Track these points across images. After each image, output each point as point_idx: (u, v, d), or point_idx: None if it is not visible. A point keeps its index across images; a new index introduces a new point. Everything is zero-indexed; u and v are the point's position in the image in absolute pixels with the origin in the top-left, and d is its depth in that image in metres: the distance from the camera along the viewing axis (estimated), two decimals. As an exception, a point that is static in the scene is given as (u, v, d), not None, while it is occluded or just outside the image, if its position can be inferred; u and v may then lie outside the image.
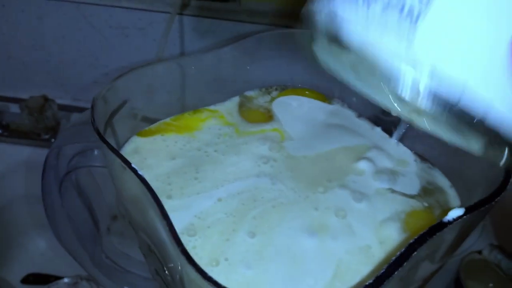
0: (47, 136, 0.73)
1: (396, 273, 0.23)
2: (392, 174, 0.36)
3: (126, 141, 0.37)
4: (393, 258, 0.23)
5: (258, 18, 0.59)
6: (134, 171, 0.27)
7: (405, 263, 0.23)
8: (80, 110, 0.74)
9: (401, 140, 0.39)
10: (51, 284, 0.67)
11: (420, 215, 0.33)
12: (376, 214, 0.33)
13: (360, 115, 0.42)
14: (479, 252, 0.56)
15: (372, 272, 0.29)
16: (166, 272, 0.31)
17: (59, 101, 0.75)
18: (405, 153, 0.39)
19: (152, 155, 0.36)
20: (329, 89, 0.43)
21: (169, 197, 0.33)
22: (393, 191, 0.35)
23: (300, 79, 0.44)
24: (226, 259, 0.29)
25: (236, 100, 0.43)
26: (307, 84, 0.44)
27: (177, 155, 0.36)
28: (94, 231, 0.42)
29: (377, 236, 0.32)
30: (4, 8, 0.66)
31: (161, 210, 0.25)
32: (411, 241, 0.24)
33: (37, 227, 0.76)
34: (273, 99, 0.43)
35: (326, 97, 0.43)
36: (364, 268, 0.29)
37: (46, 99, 0.73)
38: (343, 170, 0.36)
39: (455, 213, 0.25)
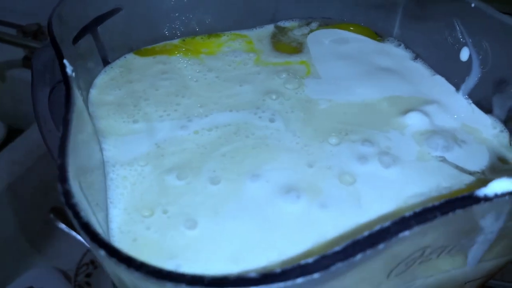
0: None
1: (359, 256, 0.13)
2: (451, 139, 0.25)
3: (118, 57, 0.31)
4: (365, 233, 0.14)
5: None
6: (61, 65, 0.21)
7: (381, 245, 0.14)
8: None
9: (472, 96, 0.28)
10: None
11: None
12: (405, 186, 0.23)
13: (417, 57, 0.31)
14: None
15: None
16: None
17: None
18: (475, 115, 0.27)
19: (140, 71, 0.30)
20: (385, 25, 0.32)
21: (131, 116, 0.26)
22: (443, 159, 0.24)
23: (350, 13, 0.34)
24: (165, 212, 0.21)
25: (270, 28, 0.34)
26: (357, 19, 0.34)
27: (169, 74, 0.30)
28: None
29: (395, 215, 0.21)
30: None
31: (66, 116, 0.19)
32: (407, 214, 0.14)
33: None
34: (311, 31, 0.34)
35: (379, 35, 0.33)
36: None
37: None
38: (381, 122, 0.26)
39: (502, 185, 0.15)
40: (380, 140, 0.25)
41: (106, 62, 0.30)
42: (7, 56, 0.69)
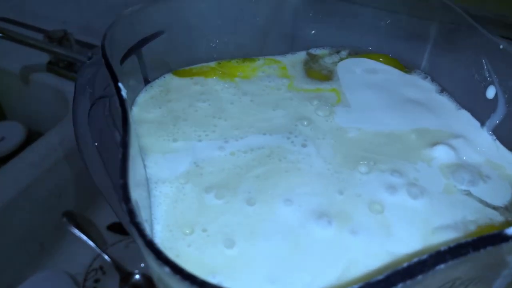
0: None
1: (400, 286, 0.15)
2: (476, 173, 0.27)
3: (158, 77, 0.33)
4: (404, 264, 0.15)
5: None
6: (118, 90, 0.22)
7: (419, 276, 0.15)
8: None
9: (497, 133, 0.29)
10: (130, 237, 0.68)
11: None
12: (432, 218, 0.24)
13: (443, 90, 0.32)
14: None
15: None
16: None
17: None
18: (499, 152, 0.28)
19: (178, 91, 0.31)
20: (413, 57, 0.34)
21: (171, 135, 0.28)
22: (468, 193, 0.25)
23: (379, 44, 0.35)
24: (205, 230, 0.23)
25: (302, 55, 0.36)
26: (386, 50, 0.35)
27: (206, 96, 0.31)
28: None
29: (424, 246, 0.23)
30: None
31: (124, 136, 0.20)
32: (442, 248, 0.16)
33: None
34: (341, 59, 0.35)
35: (406, 67, 0.34)
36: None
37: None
38: (407, 154, 0.27)
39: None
40: (409, 171, 0.26)
41: (146, 81, 0.32)
42: (32, 60, 0.72)
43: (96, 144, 0.36)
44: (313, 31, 0.36)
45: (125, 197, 0.16)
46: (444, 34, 0.31)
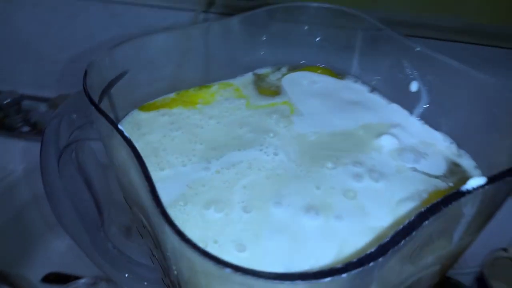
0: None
1: (402, 242, 0.19)
2: (416, 153, 0.33)
3: (126, 114, 0.35)
4: (401, 226, 0.20)
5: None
6: (121, 132, 0.24)
7: (413, 233, 0.19)
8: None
9: (423, 118, 0.35)
10: (70, 283, 0.66)
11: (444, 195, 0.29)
12: (394, 194, 0.29)
13: (373, 90, 0.38)
14: (505, 249, 0.50)
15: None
16: (159, 250, 0.28)
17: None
18: (429, 133, 0.34)
19: (149, 124, 0.34)
20: (343, 65, 0.40)
21: (157, 165, 0.30)
22: (415, 169, 0.31)
23: (312, 57, 0.41)
24: (216, 242, 0.26)
25: (250, 76, 0.40)
26: (319, 62, 0.41)
27: (176, 125, 0.34)
28: (97, 216, 0.40)
29: (393, 216, 0.28)
30: (35, 7, 0.67)
31: (144, 171, 0.22)
32: (423, 209, 0.20)
33: (60, 226, 0.74)
34: (283, 75, 0.40)
35: (338, 74, 0.40)
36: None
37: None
38: (361, 147, 0.33)
39: (475, 181, 0.22)
40: (366, 160, 0.31)
41: (117, 121, 0.34)
42: None
43: (66, 190, 0.37)
44: (255, 53, 0.40)
45: (169, 221, 0.19)
46: (368, 42, 0.37)
